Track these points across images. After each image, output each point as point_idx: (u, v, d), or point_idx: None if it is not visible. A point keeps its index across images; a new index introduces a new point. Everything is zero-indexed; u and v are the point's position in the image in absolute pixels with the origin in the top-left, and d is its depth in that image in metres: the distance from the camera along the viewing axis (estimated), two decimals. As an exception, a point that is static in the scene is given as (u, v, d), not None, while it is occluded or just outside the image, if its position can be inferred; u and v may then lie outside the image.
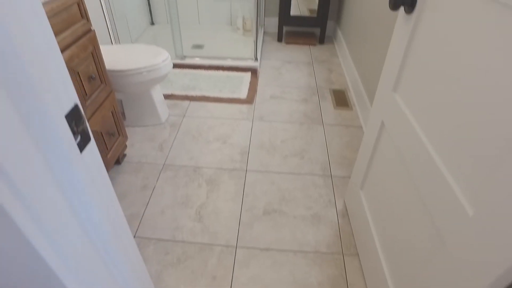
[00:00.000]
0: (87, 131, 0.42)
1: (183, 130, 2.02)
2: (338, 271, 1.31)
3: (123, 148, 1.82)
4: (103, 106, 1.50)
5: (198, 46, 2.99)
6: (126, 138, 1.78)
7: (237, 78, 2.50)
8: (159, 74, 1.84)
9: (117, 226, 0.56)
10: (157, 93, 2.01)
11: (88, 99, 1.39)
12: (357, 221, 1.38)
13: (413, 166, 0.88)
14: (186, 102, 2.26)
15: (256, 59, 2.63)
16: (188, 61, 2.64)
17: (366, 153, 1.26)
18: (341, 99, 2.34)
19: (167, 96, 2.31)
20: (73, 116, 0.38)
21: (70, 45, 1.25)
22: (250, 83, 2.45)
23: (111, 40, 2.54)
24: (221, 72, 2.57)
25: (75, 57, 1.27)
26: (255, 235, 1.44)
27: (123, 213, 1.53)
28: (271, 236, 1.44)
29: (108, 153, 1.59)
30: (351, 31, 2.59)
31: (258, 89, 2.42)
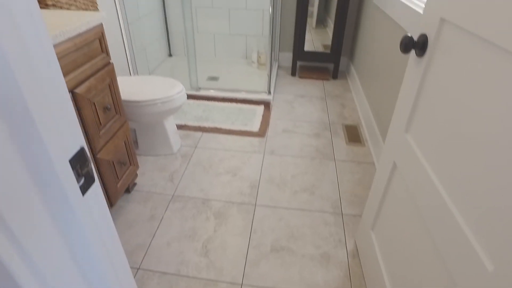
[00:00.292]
0: (92, 173, 0.42)
1: (194, 161, 2.03)
2: (348, 317, 1.24)
3: (134, 177, 1.83)
4: (116, 136, 1.52)
5: (213, 78, 3.06)
6: (137, 167, 1.79)
7: (250, 111, 2.53)
8: (173, 106, 1.88)
9: (119, 270, 0.54)
10: (170, 124, 2.04)
11: (102, 129, 1.41)
12: (368, 263, 1.32)
13: (426, 211, 0.84)
14: (199, 133, 2.29)
15: (270, 93, 2.67)
16: (203, 93, 2.70)
17: (378, 194, 1.23)
18: (354, 135, 2.32)
19: (180, 127, 2.34)
20: (78, 160, 0.39)
21: (89, 77, 1.29)
22: (263, 116, 2.47)
23: (130, 71, 2.62)
24: (235, 105, 2.61)
25: (93, 89, 1.30)
26: (262, 273, 1.39)
27: (130, 243, 1.52)
28: (278, 275, 1.39)
29: (118, 182, 1.60)
30: (364, 67, 2.62)
31: (271, 123, 2.44)
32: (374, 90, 2.26)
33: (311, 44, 3.31)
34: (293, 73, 3.26)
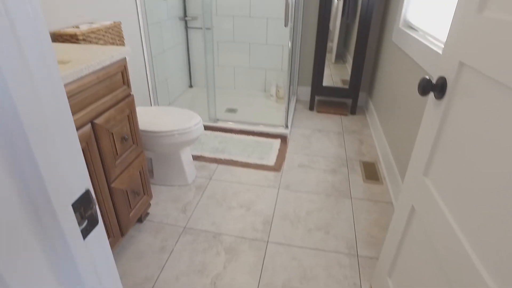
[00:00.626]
0: (96, 216, 0.41)
1: (208, 194, 2.02)
2: None
3: (147, 207, 1.83)
4: (132, 166, 1.54)
5: (232, 110, 3.11)
6: (151, 197, 1.79)
7: (267, 144, 2.53)
8: (190, 137, 1.90)
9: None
10: (187, 154, 2.06)
11: (119, 159, 1.43)
12: (385, 313, 1.24)
13: (447, 260, 0.79)
14: (214, 165, 2.29)
15: (287, 127, 2.67)
16: (220, 124, 2.73)
17: (395, 238, 1.17)
18: (371, 172, 2.27)
19: (196, 158, 2.35)
20: (82, 203, 0.38)
21: (109, 108, 1.32)
22: (279, 150, 2.46)
23: (151, 101, 2.70)
24: (251, 137, 2.62)
25: (112, 120, 1.34)
26: (271, 317, 1.33)
27: (138, 275, 1.48)
28: (288, 320, 1.32)
29: (131, 212, 1.60)
30: (383, 104, 2.61)
31: (287, 157, 2.42)
32: (393, 127, 2.22)
33: (330, 79, 3.34)
34: (311, 108, 3.27)
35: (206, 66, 2.71)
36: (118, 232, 1.50)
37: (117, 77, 1.35)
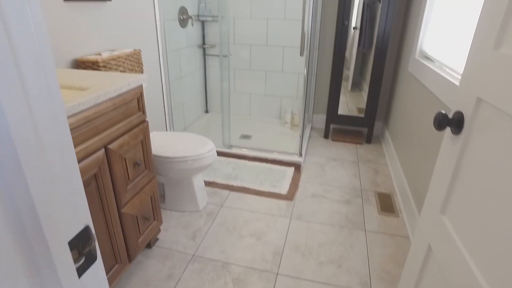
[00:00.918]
0: (94, 252, 0.40)
1: (219, 221, 1.99)
2: None
3: (156, 233, 1.81)
4: (143, 191, 1.54)
5: (246, 137, 3.11)
6: (161, 223, 1.78)
7: (280, 172, 2.50)
8: (203, 164, 1.90)
9: None
10: (199, 180, 2.05)
11: (130, 184, 1.44)
12: None
13: (467, 310, 0.74)
14: (226, 192, 2.27)
15: (301, 155, 2.65)
16: (234, 151, 2.73)
17: (411, 278, 1.11)
18: (387, 204, 2.20)
19: (209, 183, 2.34)
20: (80, 240, 0.37)
21: (123, 134, 1.34)
22: (292, 179, 2.43)
23: (166, 126, 2.74)
24: (265, 165, 2.60)
25: (125, 145, 1.35)
26: None
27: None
28: None
29: (140, 237, 1.58)
30: (399, 133, 2.56)
31: (300, 185, 2.39)
32: (409, 158, 2.17)
33: (346, 106, 3.33)
34: (326, 136, 3.25)
35: (222, 93, 2.75)
36: (126, 258, 1.49)
37: (133, 104, 1.38)
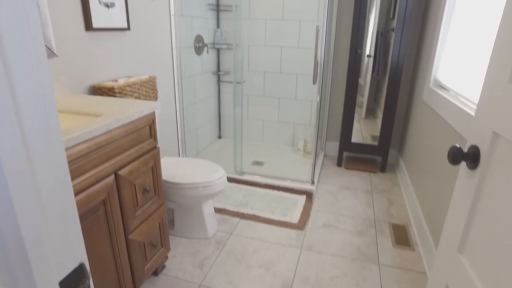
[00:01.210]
0: (87, 290, 0.38)
1: (228, 249, 1.95)
2: None
3: (164, 260, 1.78)
4: (152, 218, 1.53)
5: (258, 163, 3.10)
6: (168, 250, 1.75)
7: (291, 200, 2.46)
8: (214, 191, 1.88)
9: None
10: (209, 207, 2.03)
11: (139, 210, 1.43)
12: None
13: None
14: (236, 219, 2.24)
15: (313, 183, 2.61)
16: (246, 177, 2.71)
17: (428, 319, 1.04)
18: (402, 236, 2.12)
19: (219, 210, 2.31)
20: (73, 278, 0.36)
21: (134, 160, 1.35)
22: (304, 207, 2.38)
23: (179, 151, 2.75)
24: (276, 192, 2.57)
25: (135, 171, 1.35)
26: None
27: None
28: None
29: (146, 265, 1.56)
30: (414, 162, 2.50)
31: (311, 214, 2.33)
32: (425, 188, 2.11)
33: (360, 134, 3.29)
34: (339, 164, 3.20)
35: (235, 119, 2.77)
36: (131, 286, 1.46)
37: (145, 130, 1.39)
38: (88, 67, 1.75)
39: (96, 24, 1.73)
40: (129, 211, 1.36)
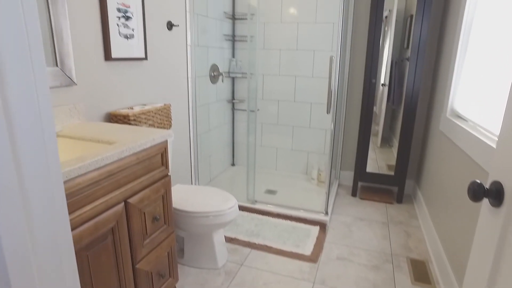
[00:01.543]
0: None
1: (237, 281, 1.88)
2: None
3: (172, 292, 1.73)
4: (160, 247, 1.50)
5: (271, 192, 3.06)
6: (176, 280, 1.70)
7: (304, 231, 2.39)
8: (225, 220, 1.85)
9: None
10: (219, 236, 1.99)
11: (147, 239, 1.40)
12: None
13: None
14: (247, 249, 2.18)
15: (327, 213, 2.54)
16: (258, 206, 2.67)
17: None
18: (421, 272, 2.01)
19: (230, 240, 2.26)
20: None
21: (144, 188, 1.34)
22: (317, 239, 2.30)
23: (192, 178, 2.75)
24: (289, 222, 2.50)
25: (146, 199, 1.34)
26: None
27: None
28: None
29: (154, 297, 1.51)
30: (432, 194, 2.42)
31: (325, 246, 2.25)
32: (445, 221, 2.01)
33: (375, 163, 3.23)
34: (354, 194, 3.13)
35: (248, 147, 2.76)
36: (137, 319, 1.41)
37: (156, 158, 1.39)
38: (105, 95, 1.79)
39: (115, 54, 1.79)
40: (138, 240, 1.34)
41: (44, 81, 0.32)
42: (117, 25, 1.78)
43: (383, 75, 3.05)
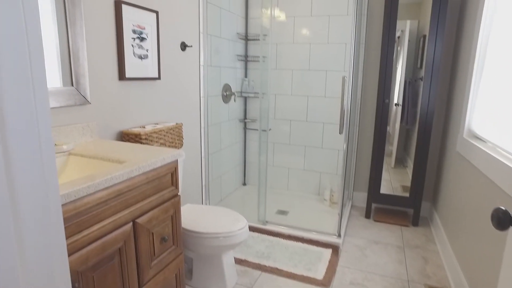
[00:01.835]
0: None
1: (247, 306, 1.82)
2: None
3: (179, 316, 1.68)
4: (168, 268, 1.46)
5: (283, 212, 3.00)
6: (185, 305, 1.65)
7: (316, 254, 2.32)
8: (235, 241, 1.81)
9: None
10: (229, 257, 1.94)
11: (155, 259, 1.37)
12: None
13: None
14: (258, 272, 2.12)
15: (339, 235, 2.47)
16: (269, 227, 2.61)
17: None
18: (440, 301, 1.91)
19: (240, 261, 2.21)
20: None
21: (153, 208, 1.32)
22: (329, 262, 2.23)
23: (202, 198, 2.72)
24: (300, 244, 2.44)
25: (154, 219, 1.32)
26: None
27: None
28: None
29: (160, 321, 1.46)
30: (450, 217, 2.33)
31: (337, 270, 2.17)
32: (465, 246, 1.92)
33: (389, 184, 3.15)
34: (367, 216, 3.04)
35: (260, 167, 2.74)
36: None
37: (166, 178, 1.38)
38: (118, 114, 1.81)
39: (129, 74, 1.82)
40: (145, 261, 1.31)
41: (43, 82, 0.31)
42: (132, 46, 1.82)
43: (396, 95, 3.01)
